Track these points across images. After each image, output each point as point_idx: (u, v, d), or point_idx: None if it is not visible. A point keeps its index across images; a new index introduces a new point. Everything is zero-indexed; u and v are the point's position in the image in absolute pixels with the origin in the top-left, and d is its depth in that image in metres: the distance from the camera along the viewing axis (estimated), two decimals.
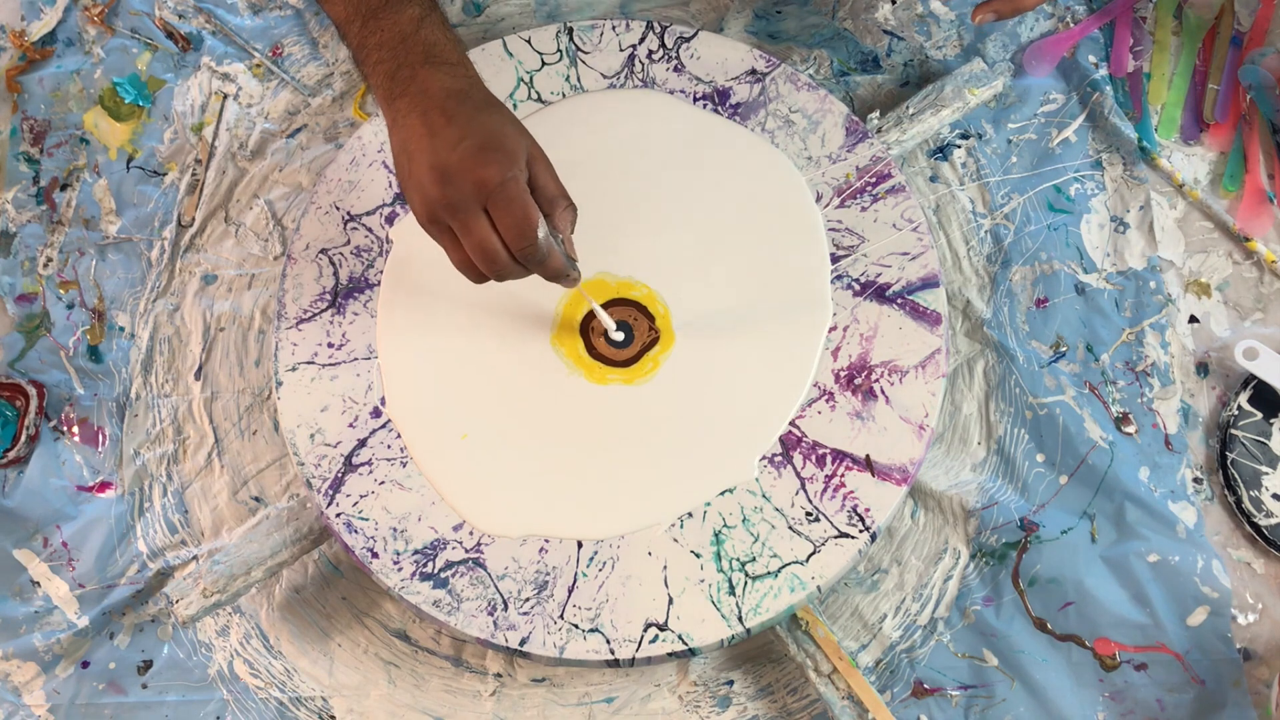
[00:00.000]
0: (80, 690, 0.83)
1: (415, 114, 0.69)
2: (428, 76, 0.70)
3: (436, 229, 0.70)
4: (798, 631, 0.79)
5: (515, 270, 0.71)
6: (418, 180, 0.69)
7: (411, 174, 0.69)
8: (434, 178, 0.68)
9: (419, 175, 0.69)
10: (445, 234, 0.70)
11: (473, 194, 0.68)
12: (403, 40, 0.72)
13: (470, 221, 0.68)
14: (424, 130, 0.69)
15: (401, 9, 0.73)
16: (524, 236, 0.68)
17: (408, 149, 0.70)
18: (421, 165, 0.68)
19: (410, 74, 0.71)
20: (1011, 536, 0.82)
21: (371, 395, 0.82)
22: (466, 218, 0.68)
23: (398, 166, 0.71)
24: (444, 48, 0.72)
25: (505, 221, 0.68)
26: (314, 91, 0.95)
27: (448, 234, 0.70)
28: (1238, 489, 0.82)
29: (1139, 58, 0.93)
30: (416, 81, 0.70)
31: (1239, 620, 0.80)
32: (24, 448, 0.87)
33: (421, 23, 0.72)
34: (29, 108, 0.95)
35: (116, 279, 0.91)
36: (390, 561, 0.78)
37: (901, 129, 0.88)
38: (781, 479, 0.79)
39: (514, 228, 0.68)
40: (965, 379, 0.86)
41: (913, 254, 0.83)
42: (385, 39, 0.72)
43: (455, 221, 0.69)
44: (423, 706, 0.82)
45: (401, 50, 0.71)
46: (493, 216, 0.68)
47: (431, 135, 0.68)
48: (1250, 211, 0.88)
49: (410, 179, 0.70)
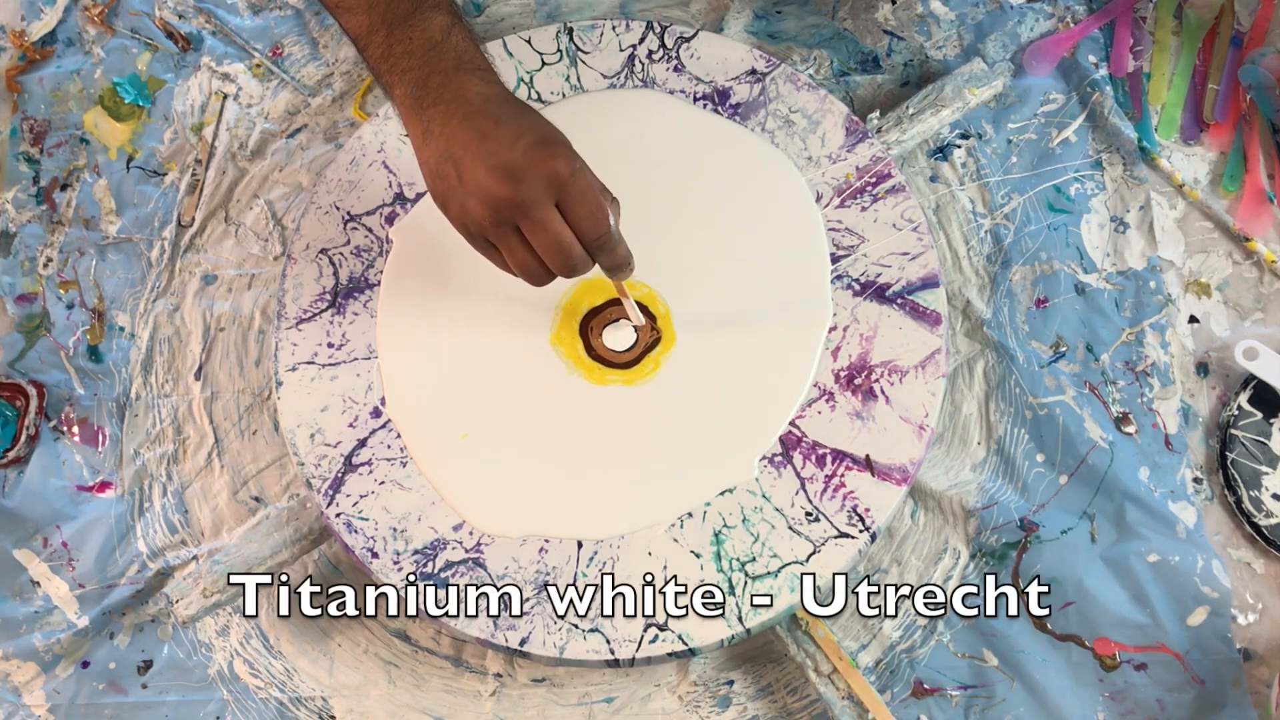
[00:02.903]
0: (80, 690, 0.83)
1: (456, 120, 0.68)
2: (463, 83, 0.69)
3: (500, 233, 0.68)
4: (798, 631, 0.79)
5: (586, 263, 0.69)
6: (477, 185, 0.67)
7: (465, 180, 0.67)
8: (499, 178, 0.66)
9: (478, 179, 0.66)
10: (509, 237, 0.68)
11: (545, 188, 0.66)
12: (433, 48, 0.70)
13: (544, 216, 0.67)
14: (472, 135, 0.67)
15: (431, 17, 0.71)
16: (600, 225, 0.68)
17: (453, 156, 0.67)
18: (478, 169, 0.66)
19: (443, 80, 0.69)
20: (1011, 536, 0.82)
21: (371, 395, 0.82)
22: (540, 213, 0.66)
23: (440, 177, 0.68)
24: (474, 55, 0.71)
25: (580, 211, 0.67)
26: (314, 91, 0.95)
27: (511, 237, 0.68)
28: (1238, 489, 0.82)
29: (1139, 58, 0.93)
30: (451, 88, 0.69)
31: (1239, 620, 0.80)
32: (24, 448, 0.87)
33: (450, 31, 0.71)
34: (29, 108, 0.95)
35: (116, 279, 0.91)
36: (390, 561, 0.78)
37: (901, 129, 0.88)
38: (781, 479, 0.79)
39: (589, 217, 0.67)
40: (965, 379, 0.86)
41: (913, 254, 0.83)
42: (414, 47, 0.70)
43: (527, 219, 0.67)
44: (423, 706, 0.82)
45: (433, 57, 0.70)
46: (565, 209, 0.67)
47: (483, 138, 0.67)
48: (1250, 211, 0.88)
49: (464, 185, 0.67)
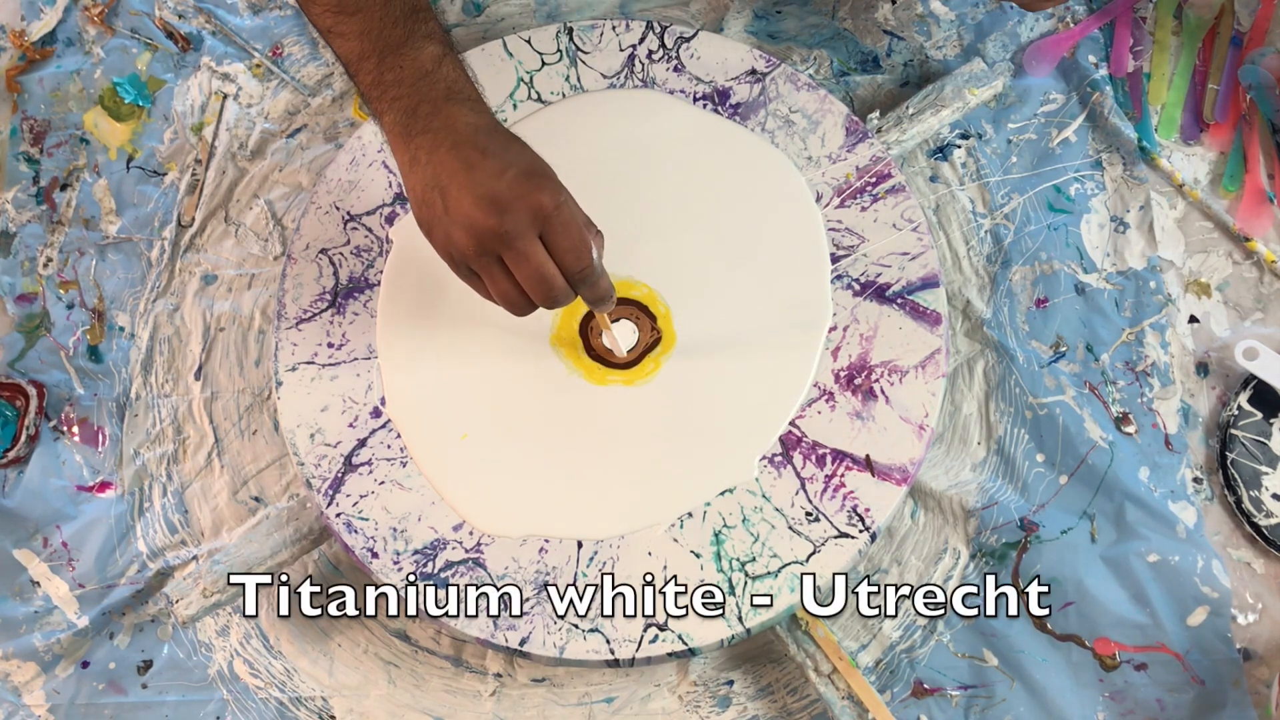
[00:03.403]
0: (80, 690, 0.83)
1: (444, 149, 0.68)
2: (452, 112, 0.69)
3: (483, 262, 0.68)
4: (798, 631, 0.79)
5: (568, 294, 0.69)
6: (462, 214, 0.67)
7: (450, 209, 0.67)
8: (484, 209, 0.66)
9: (463, 209, 0.67)
10: (491, 266, 0.68)
11: (529, 220, 0.66)
12: (423, 77, 0.70)
13: (527, 248, 0.67)
14: (459, 165, 0.67)
15: (422, 46, 0.71)
16: (582, 258, 0.68)
17: (439, 184, 0.68)
18: (464, 199, 0.67)
19: (432, 109, 0.69)
20: (1011, 536, 0.82)
21: (371, 395, 0.82)
22: (524, 245, 0.67)
23: (426, 205, 0.69)
24: (464, 85, 0.71)
25: (564, 244, 0.67)
26: (314, 91, 0.95)
27: (494, 266, 0.68)
28: (1238, 489, 0.82)
29: (1139, 58, 0.93)
30: (440, 117, 0.69)
31: (1239, 620, 0.80)
32: (24, 448, 0.87)
33: (441, 61, 0.71)
34: (29, 108, 0.95)
35: (116, 279, 0.91)
36: (390, 561, 0.78)
37: (901, 129, 0.88)
38: (781, 479, 0.79)
39: (572, 250, 0.68)
40: (965, 379, 0.86)
41: (913, 254, 0.83)
42: (404, 76, 0.71)
43: (510, 251, 0.67)
44: (423, 706, 0.82)
45: (423, 86, 0.70)
46: (548, 241, 0.67)
47: (469, 169, 0.67)
48: (1250, 211, 0.88)
49: (449, 214, 0.67)
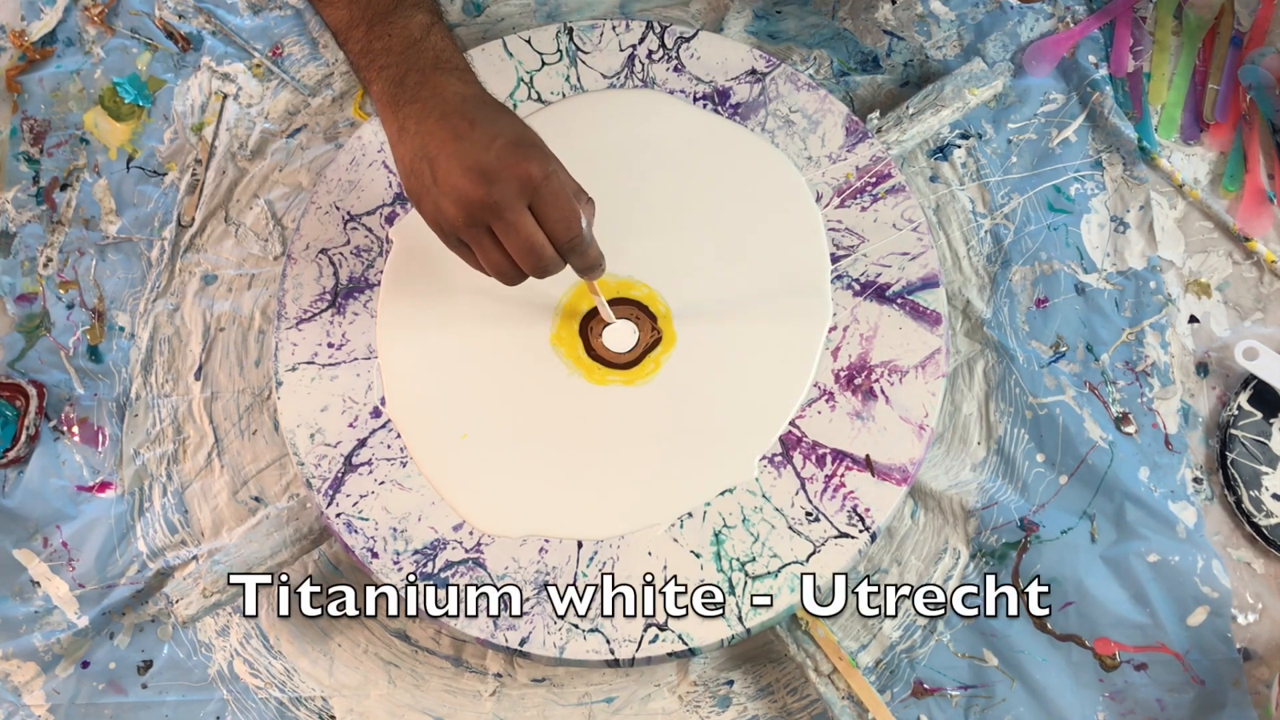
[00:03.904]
0: (80, 690, 0.83)
1: (432, 119, 0.68)
2: (440, 82, 0.69)
3: (472, 233, 0.68)
4: (798, 631, 0.79)
5: (557, 263, 0.70)
6: (450, 184, 0.67)
7: (439, 179, 0.67)
8: (472, 179, 0.66)
9: (451, 179, 0.67)
10: (481, 237, 0.68)
11: (517, 190, 0.67)
12: (411, 46, 0.71)
13: (516, 219, 0.67)
14: (448, 134, 0.67)
15: (411, 15, 0.71)
16: (571, 227, 0.68)
17: (428, 155, 0.68)
18: (452, 169, 0.67)
19: (420, 79, 0.69)
20: (1011, 536, 0.82)
21: (371, 395, 0.82)
22: (513, 215, 0.67)
23: (414, 175, 0.69)
24: (452, 54, 0.71)
25: (552, 214, 0.68)
26: (314, 91, 0.95)
27: (484, 237, 0.68)
28: (1238, 489, 0.82)
29: (1139, 58, 0.93)
30: (428, 86, 0.69)
31: (1239, 620, 0.80)
32: (24, 448, 0.87)
33: (430, 29, 0.71)
34: (29, 108, 0.95)
35: (116, 279, 0.91)
36: (390, 561, 0.78)
37: (901, 129, 0.88)
38: (781, 479, 0.79)
39: (561, 220, 0.68)
40: (965, 379, 0.86)
41: (913, 254, 0.83)
42: (393, 44, 0.71)
43: (499, 221, 0.67)
44: (423, 706, 0.82)
45: (411, 55, 0.70)
46: (537, 211, 0.68)
47: (458, 138, 0.67)
48: (1250, 211, 0.88)
49: (438, 184, 0.68)
